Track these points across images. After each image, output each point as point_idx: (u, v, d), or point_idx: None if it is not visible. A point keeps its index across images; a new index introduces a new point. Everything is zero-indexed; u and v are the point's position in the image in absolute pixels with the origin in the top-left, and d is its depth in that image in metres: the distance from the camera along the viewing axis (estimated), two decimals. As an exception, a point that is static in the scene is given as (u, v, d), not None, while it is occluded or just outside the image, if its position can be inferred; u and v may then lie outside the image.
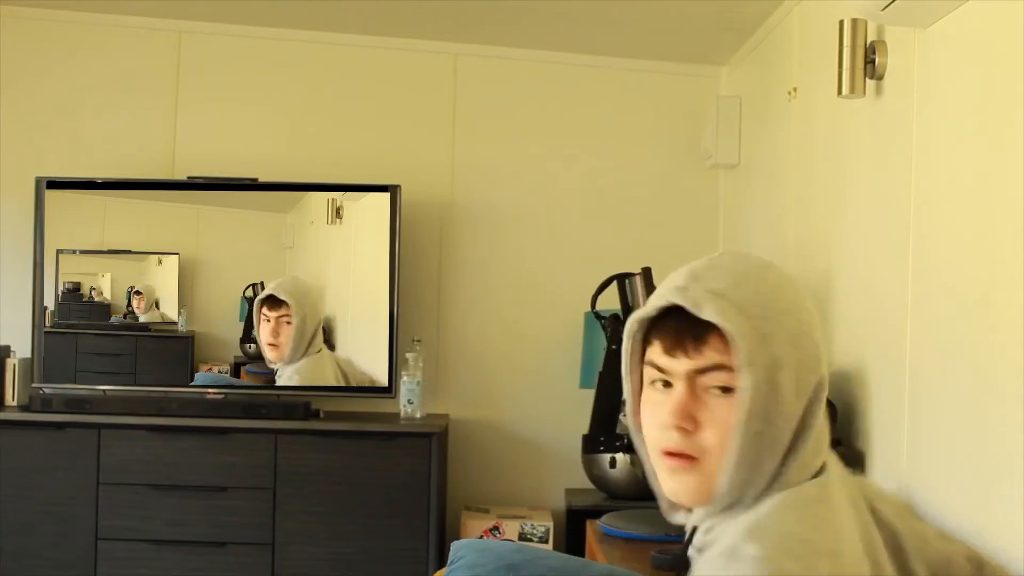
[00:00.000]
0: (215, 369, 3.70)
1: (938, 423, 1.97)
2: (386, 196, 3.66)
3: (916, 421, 2.07)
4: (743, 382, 1.11)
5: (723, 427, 1.13)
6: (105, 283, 3.76)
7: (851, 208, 2.50)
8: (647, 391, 1.21)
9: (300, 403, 3.49)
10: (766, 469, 1.13)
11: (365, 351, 3.70)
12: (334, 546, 3.40)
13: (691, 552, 1.19)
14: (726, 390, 1.14)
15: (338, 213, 3.74)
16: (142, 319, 3.73)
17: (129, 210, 3.80)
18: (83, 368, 3.71)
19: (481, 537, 3.47)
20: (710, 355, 1.14)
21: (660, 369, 1.18)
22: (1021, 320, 1.65)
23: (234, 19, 3.86)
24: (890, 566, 1.16)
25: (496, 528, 3.54)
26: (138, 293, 3.73)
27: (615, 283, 2.77)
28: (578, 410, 3.26)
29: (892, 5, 1.95)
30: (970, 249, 1.86)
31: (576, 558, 1.78)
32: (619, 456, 3.04)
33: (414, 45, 3.93)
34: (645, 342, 1.22)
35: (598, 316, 2.73)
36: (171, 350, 3.77)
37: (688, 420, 1.15)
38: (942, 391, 1.96)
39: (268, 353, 3.62)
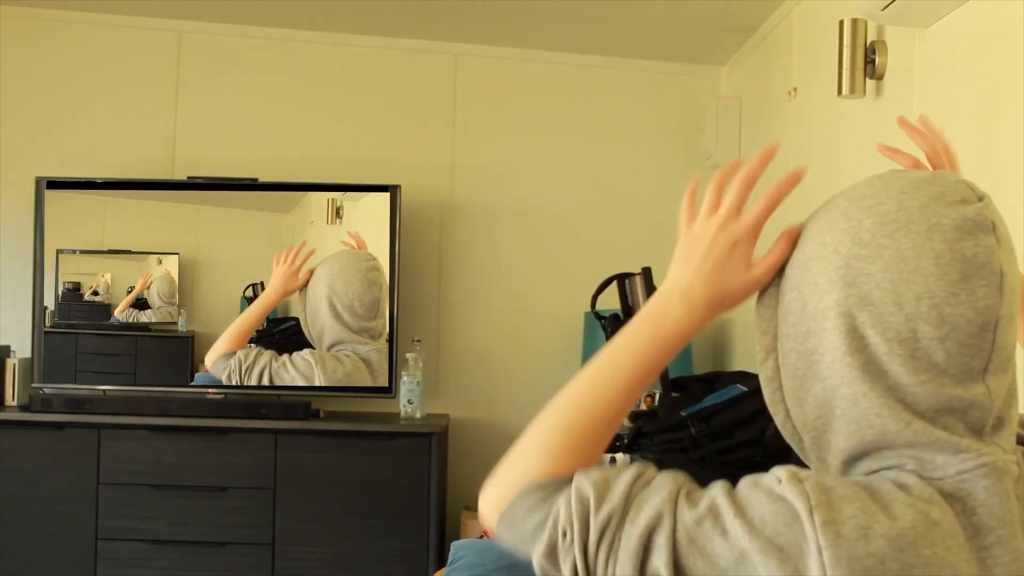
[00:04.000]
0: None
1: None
2: (386, 196, 3.66)
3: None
4: None
5: None
6: (105, 283, 3.76)
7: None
8: None
9: (300, 403, 3.49)
10: None
11: (365, 351, 3.69)
12: (334, 546, 3.40)
13: None
14: None
15: (338, 213, 3.73)
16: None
17: (129, 210, 3.80)
18: (83, 368, 3.71)
19: (481, 537, 3.47)
20: None
21: None
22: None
23: (234, 19, 3.86)
24: None
25: (496, 528, 3.53)
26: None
27: (615, 283, 2.77)
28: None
29: (892, 5, 1.95)
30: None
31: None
32: (619, 456, 3.04)
33: (414, 45, 3.93)
34: None
35: (598, 316, 2.73)
36: (171, 350, 3.77)
37: None
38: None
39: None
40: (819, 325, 0.90)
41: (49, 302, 3.69)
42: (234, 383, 3.57)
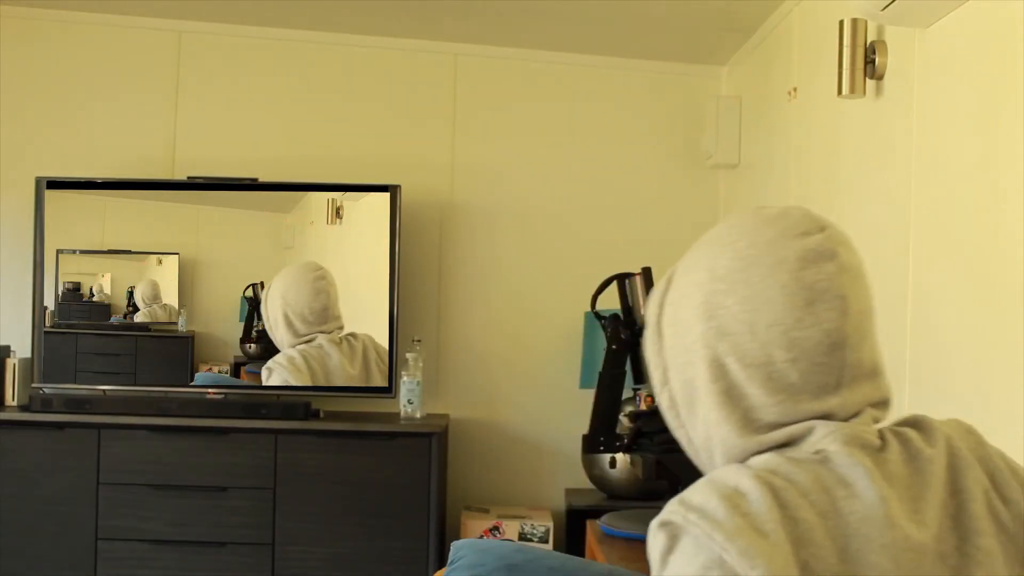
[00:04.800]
0: (215, 369, 3.70)
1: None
2: (386, 196, 3.66)
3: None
4: None
5: None
6: (105, 283, 3.76)
7: (851, 208, 2.50)
8: None
9: (300, 403, 3.49)
10: None
11: (365, 351, 3.70)
12: (334, 546, 3.40)
13: None
14: None
15: (338, 213, 3.74)
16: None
17: (129, 210, 3.80)
18: (83, 368, 3.71)
19: (481, 537, 3.47)
20: None
21: None
22: (1021, 319, 1.65)
23: (234, 19, 3.86)
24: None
25: (496, 528, 3.54)
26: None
27: (615, 283, 2.76)
28: (578, 410, 3.26)
29: (892, 5, 1.95)
30: (970, 248, 1.86)
31: (576, 558, 1.77)
32: (619, 456, 3.04)
33: (414, 45, 3.93)
34: None
35: (598, 316, 2.72)
36: (171, 350, 3.77)
37: None
38: (943, 391, 1.96)
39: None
40: (691, 357, 1.00)
41: (49, 302, 3.69)
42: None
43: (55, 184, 3.66)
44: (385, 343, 3.64)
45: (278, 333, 3.63)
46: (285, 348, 3.63)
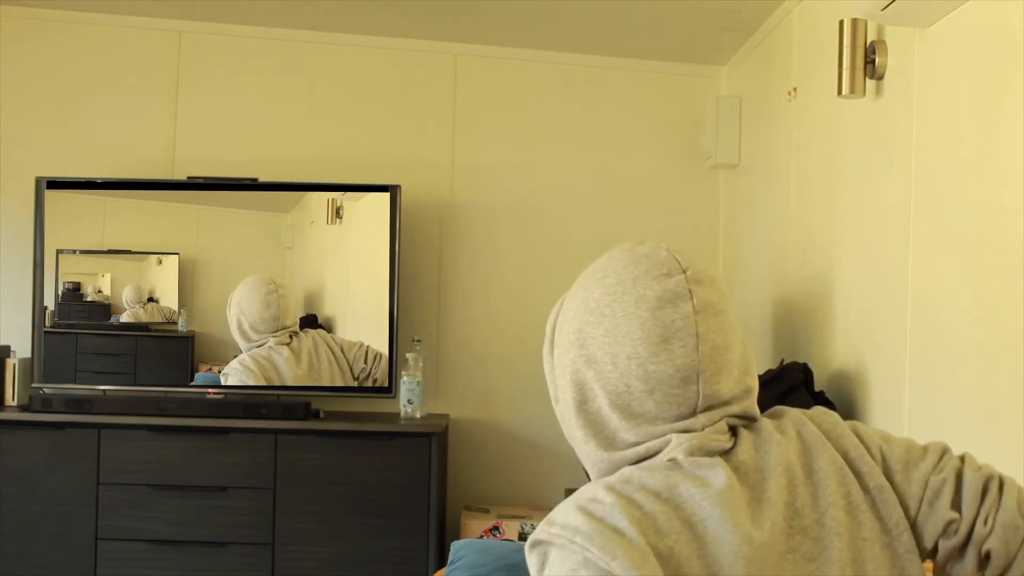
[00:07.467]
0: (215, 369, 3.70)
1: (938, 422, 1.97)
2: (386, 196, 3.66)
3: (916, 420, 2.07)
4: None
5: None
6: (105, 283, 3.76)
7: (851, 208, 2.50)
8: None
9: (300, 403, 3.49)
10: None
11: (365, 351, 3.70)
12: (334, 546, 3.40)
13: None
14: None
15: (338, 213, 3.74)
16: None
17: (129, 210, 3.80)
18: (83, 368, 3.71)
19: (481, 537, 3.47)
20: None
21: None
22: (1021, 318, 1.65)
23: (234, 19, 3.86)
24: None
25: (496, 528, 3.54)
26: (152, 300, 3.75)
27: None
28: (578, 410, 3.26)
29: (892, 5, 1.95)
30: (970, 248, 1.86)
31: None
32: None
33: (414, 45, 3.93)
34: None
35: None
36: (171, 350, 3.77)
37: None
38: (942, 390, 1.96)
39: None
40: (565, 380, 1.10)
41: (49, 302, 3.69)
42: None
43: (55, 184, 3.66)
44: (385, 343, 3.64)
45: (235, 340, 3.70)
46: (242, 352, 3.69)
